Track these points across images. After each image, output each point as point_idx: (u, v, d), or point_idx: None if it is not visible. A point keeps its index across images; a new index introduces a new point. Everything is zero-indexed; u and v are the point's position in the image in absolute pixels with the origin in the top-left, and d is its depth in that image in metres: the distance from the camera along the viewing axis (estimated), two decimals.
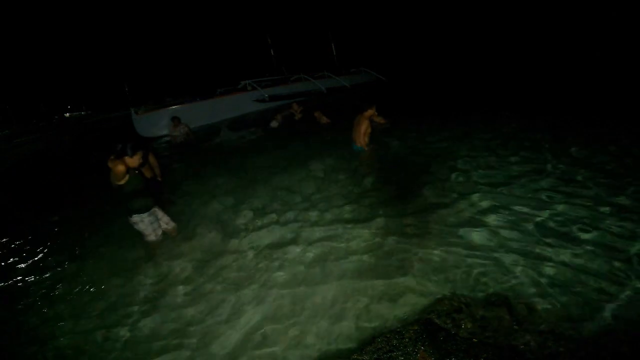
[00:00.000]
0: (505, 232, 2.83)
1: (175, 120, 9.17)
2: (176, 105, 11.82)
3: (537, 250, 2.55)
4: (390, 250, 2.85)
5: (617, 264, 2.30)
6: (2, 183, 9.29)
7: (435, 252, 2.72)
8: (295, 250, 3.11)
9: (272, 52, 18.25)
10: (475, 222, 3.05)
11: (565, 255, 2.45)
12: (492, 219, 3.05)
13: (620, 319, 1.90)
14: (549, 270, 2.34)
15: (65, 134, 20.82)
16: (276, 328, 2.24)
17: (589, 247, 2.50)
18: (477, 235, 2.84)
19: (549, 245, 2.59)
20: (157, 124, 11.09)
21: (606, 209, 2.94)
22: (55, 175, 8.76)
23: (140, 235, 3.28)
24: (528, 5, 24.56)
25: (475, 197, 3.51)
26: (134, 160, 3.02)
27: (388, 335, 1.88)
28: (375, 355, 1.77)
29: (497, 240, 2.75)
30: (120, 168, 2.91)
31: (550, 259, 2.44)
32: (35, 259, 3.89)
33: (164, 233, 3.47)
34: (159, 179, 4.49)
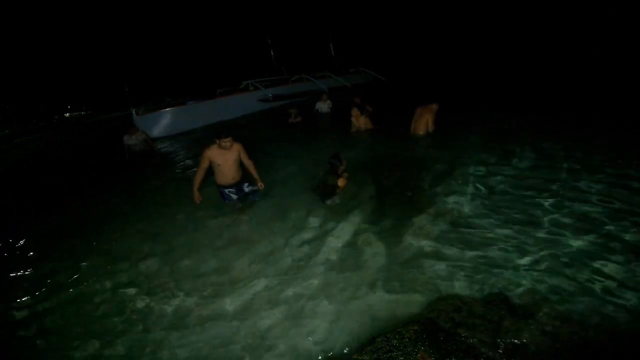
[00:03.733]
0: (505, 233, 2.83)
1: (132, 127, 8.02)
2: (180, 105, 11.81)
3: (538, 250, 2.55)
4: (391, 250, 2.85)
5: (616, 264, 2.30)
6: (2, 183, 9.28)
7: (435, 252, 2.72)
8: (292, 250, 3.11)
9: (272, 52, 18.29)
10: (475, 223, 3.05)
11: (565, 256, 2.45)
12: (492, 220, 3.05)
13: (621, 319, 1.90)
14: (549, 270, 2.33)
15: (65, 134, 20.77)
16: (276, 328, 2.24)
17: (589, 248, 2.50)
18: (477, 236, 2.84)
19: (550, 245, 2.59)
20: (158, 124, 11.08)
21: (608, 208, 2.94)
22: (55, 175, 8.75)
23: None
24: (529, 5, 24.55)
25: (476, 197, 3.51)
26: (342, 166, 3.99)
27: (388, 335, 1.88)
28: (375, 355, 1.77)
29: (498, 240, 2.74)
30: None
31: (550, 260, 2.43)
32: (35, 259, 3.89)
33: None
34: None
